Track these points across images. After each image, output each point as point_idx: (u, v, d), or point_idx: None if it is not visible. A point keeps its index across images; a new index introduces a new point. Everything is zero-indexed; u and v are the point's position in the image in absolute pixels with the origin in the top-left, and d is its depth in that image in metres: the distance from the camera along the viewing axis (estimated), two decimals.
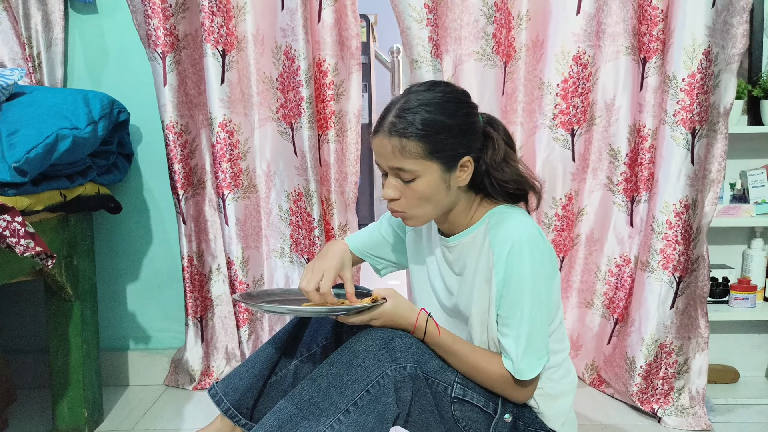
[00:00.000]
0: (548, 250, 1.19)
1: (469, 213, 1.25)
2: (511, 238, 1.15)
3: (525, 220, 1.19)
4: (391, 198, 1.19)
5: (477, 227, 1.23)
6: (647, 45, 1.83)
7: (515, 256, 1.14)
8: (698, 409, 1.81)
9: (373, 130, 1.20)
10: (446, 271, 1.29)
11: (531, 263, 1.15)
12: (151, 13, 1.84)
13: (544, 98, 1.90)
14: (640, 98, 1.87)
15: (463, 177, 1.19)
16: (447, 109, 1.16)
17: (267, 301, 1.33)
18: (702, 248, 1.82)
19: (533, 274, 1.15)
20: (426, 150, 1.14)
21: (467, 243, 1.24)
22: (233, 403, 1.34)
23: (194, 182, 2.00)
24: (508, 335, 1.17)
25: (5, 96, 1.58)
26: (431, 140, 1.14)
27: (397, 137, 1.14)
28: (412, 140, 1.13)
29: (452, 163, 1.17)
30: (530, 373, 1.16)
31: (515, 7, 1.88)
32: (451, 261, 1.27)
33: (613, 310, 1.99)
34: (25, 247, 1.24)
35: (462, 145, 1.17)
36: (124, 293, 2.12)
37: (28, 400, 1.99)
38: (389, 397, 1.14)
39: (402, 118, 1.14)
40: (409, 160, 1.14)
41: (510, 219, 1.20)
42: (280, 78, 1.92)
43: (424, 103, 1.15)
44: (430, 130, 1.14)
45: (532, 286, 1.15)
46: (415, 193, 1.17)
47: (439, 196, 1.18)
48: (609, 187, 1.96)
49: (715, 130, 1.79)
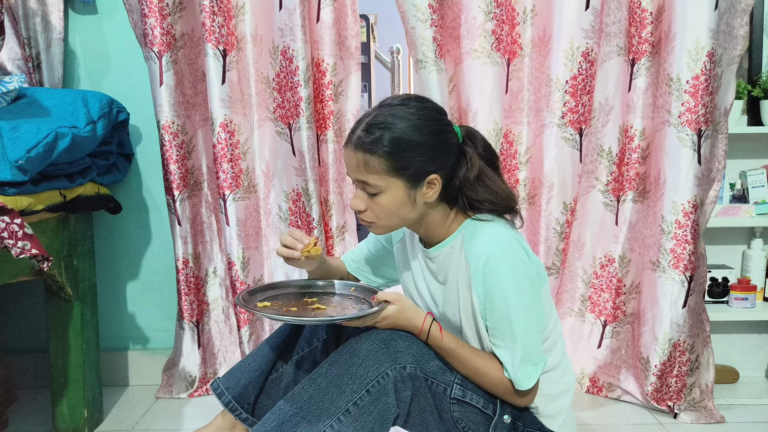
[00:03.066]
0: (528, 257, 1.19)
1: (445, 224, 1.25)
2: (485, 250, 1.16)
3: (498, 231, 1.19)
4: (358, 209, 1.22)
5: (454, 237, 1.24)
6: (636, 47, 1.84)
7: (491, 268, 1.14)
8: (708, 402, 1.85)
9: (344, 142, 1.21)
10: (431, 280, 1.30)
11: (510, 273, 1.15)
12: (148, 12, 1.84)
13: (552, 96, 1.88)
14: (628, 99, 1.88)
15: (430, 194, 1.19)
16: (416, 127, 1.16)
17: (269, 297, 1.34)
18: (702, 246, 1.84)
19: (514, 283, 1.15)
20: (390, 167, 1.15)
21: (447, 253, 1.24)
22: (235, 396, 1.34)
23: (191, 183, 1.99)
24: (501, 347, 1.18)
25: (6, 102, 1.58)
26: (397, 157, 1.14)
27: (362, 152, 1.15)
28: (377, 156, 1.14)
29: (418, 180, 1.17)
30: (528, 383, 1.17)
31: (520, 3, 1.87)
32: (435, 271, 1.28)
33: (599, 312, 1.99)
34: (21, 249, 1.25)
35: (430, 162, 1.17)
36: (124, 293, 2.12)
37: (28, 400, 1.99)
38: (389, 397, 1.15)
39: (369, 133, 1.15)
40: (373, 175, 1.16)
41: (483, 229, 1.20)
42: (276, 78, 1.92)
43: (395, 118, 1.15)
44: (396, 148, 1.14)
45: (516, 295, 1.15)
46: (380, 207, 1.19)
47: (404, 211, 1.19)
48: (598, 187, 1.95)
49: (717, 130, 1.81)
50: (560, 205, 1.93)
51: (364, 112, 1.23)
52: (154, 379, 2.10)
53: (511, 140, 1.94)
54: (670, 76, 1.79)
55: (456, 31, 1.90)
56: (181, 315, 2.00)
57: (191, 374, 2.03)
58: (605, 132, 1.91)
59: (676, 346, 1.83)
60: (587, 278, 1.99)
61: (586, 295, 2.00)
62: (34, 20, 1.92)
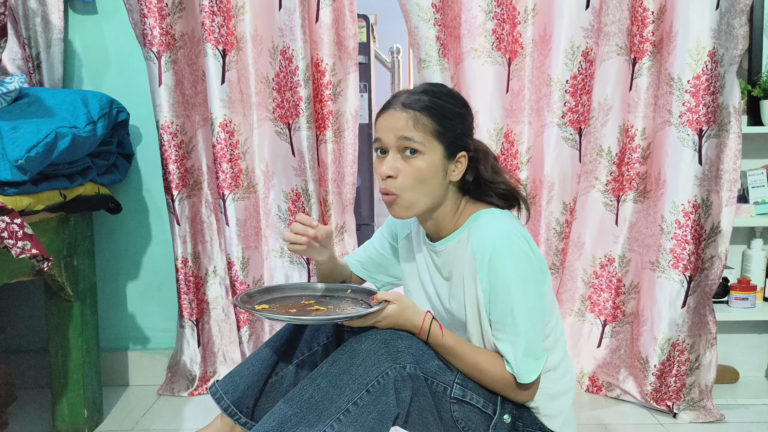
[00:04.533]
0: (532, 252, 1.19)
1: (454, 216, 1.26)
2: (491, 243, 1.16)
3: (505, 223, 1.20)
4: (388, 175, 1.20)
5: (461, 231, 1.24)
6: (637, 46, 1.84)
7: (497, 261, 1.15)
8: (708, 402, 1.85)
9: (380, 110, 1.24)
10: (436, 276, 1.30)
11: (515, 267, 1.15)
12: (147, 12, 1.84)
13: (553, 95, 1.87)
14: (629, 99, 1.87)
15: (456, 172, 1.23)
16: (457, 101, 1.24)
17: (267, 300, 1.33)
18: (717, 248, 1.84)
19: (519, 277, 1.16)
20: (435, 129, 1.19)
21: (453, 247, 1.25)
22: (233, 401, 1.34)
23: (190, 183, 1.99)
24: (504, 340, 1.18)
25: (6, 102, 1.58)
26: (441, 121, 1.19)
27: (411, 110, 1.19)
28: (426, 115, 1.19)
29: (453, 152, 1.22)
30: (531, 376, 1.17)
31: (521, 2, 1.87)
32: (440, 266, 1.28)
33: (599, 312, 1.99)
34: (21, 249, 1.25)
35: (464, 136, 1.23)
36: (124, 293, 2.12)
37: (28, 400, 1.99)
38: (389, 396, 1.14)
39: (418, 96, 1.20)
40: (420, 133, 1.18)
41: (490, 223, 1.21)
42: (276, 78, 1.92)
43: (436, 91, 1.22)
44: (441, 112, 1.20)
45: (520, 289, 1.16)
46: (414, 171, 1.19)
47: (434, 183, 1.20)
48: (598, 187, 1.95)
49: (727, 129, 1.81)
50: (560, 205, 1.93)
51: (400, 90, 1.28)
52: (154, 379, 2.10)
53: (511, 140, 1.94)
54: (671, 76, 1.79)
55: (456, 30, 1.90)
56: (181, 314, 2.00)
57: (192, 372, 2.04)
58: (604, 132, 1.91)
59: (675, 345, 1.83)
60: (587, 278, 1.99)
61: (586, 295, 2.00)
62: (34, 20, 1.92)
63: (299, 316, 1.21)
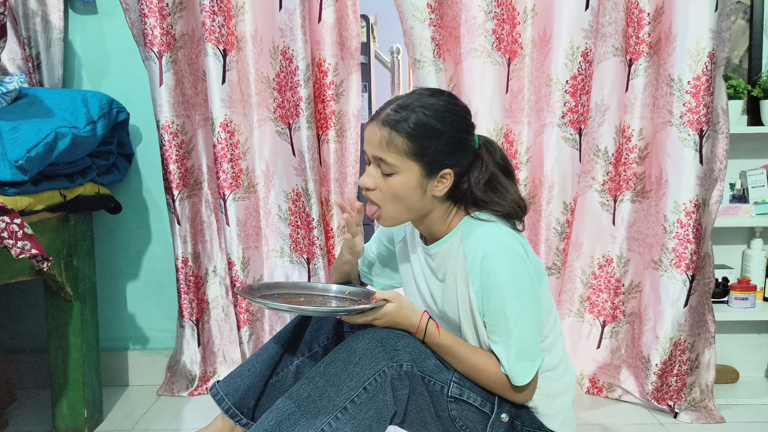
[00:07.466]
0: (526, 253, 1.19)
1: (446, 221, 1.26)
2: (482, 247, 1.16)
3: (497, 228, 1.20)
4: (367, 187, 1.21)
5: (453, 234, 1.24)
6: (633, 47, 1.84)
7: (488, 264, 1.15)
8: (709, 402, 1.85)
9: (369, 118, 1.23)
10: (431, 278, 1.30)
11: (507, 268, 1.15)
12: (148, 12, 1.84)
13: (553, 95, 1.87)
14: (625, 99, 1.88)
15: (440, 188, 1.20)
16: (443, 118, 1.18)
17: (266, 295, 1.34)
18: (708, 246, 1.84)
19: (511, 279, 1.15)
20: (411, 149, 1.16)
21: (446, 250, 1.25)
22: (234, 402, 1.34)
23: (191, 183, 1.99)
24: (497, 342, 1.18)
25: (6, 102, 1.58)
26: (419, 142, 1.16)
27: (387, 129, 1.16)
28: (401, 136, 1.16)
29: (433, 171, 1.18)
30: (524, 378, 1.17)
31: (520, 2, 1.87)
32: (434, 268, 1.28)
33: (598, 313, 1.99)
34: (21, 250, 1.25)
35: (448, 155, 1.19)
36: (124, 293, 2.12)
37: (28, 400, 1.99)
38: (386, 394, 1.15)
39: (398, 112, 1.17)
40: (392, 154, 1.17)
41: (481, 226, 1.21)
42: (276, 78, 1.92)
43: (424, 105, 1.18)
44: (420, 132, 1.16)
45: (513, 291, 1.15)
46: (390, 188, 1.19)
47: (412, 199, 1.20)
48: (595, 187, 1.95)
49: (716, 130, 1.81)
50: (560, 205, 1.92)
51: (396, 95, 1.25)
52: (154, 379, 2.10)
53: (511, 140, 1.94)
54: (671, 77, 1.79)
55: (456, 31, 1.90)
56: (181, 314, 2.01)
57: (191, 372, 2.04)
58: (601, 132, 1.91)
59: (677, 345, 1.83)
60: (585, 279, 2.00)
61: (585, 296, 2.00)
62: (34, 20, 1.92)
63: (300, 306, 1.23)
